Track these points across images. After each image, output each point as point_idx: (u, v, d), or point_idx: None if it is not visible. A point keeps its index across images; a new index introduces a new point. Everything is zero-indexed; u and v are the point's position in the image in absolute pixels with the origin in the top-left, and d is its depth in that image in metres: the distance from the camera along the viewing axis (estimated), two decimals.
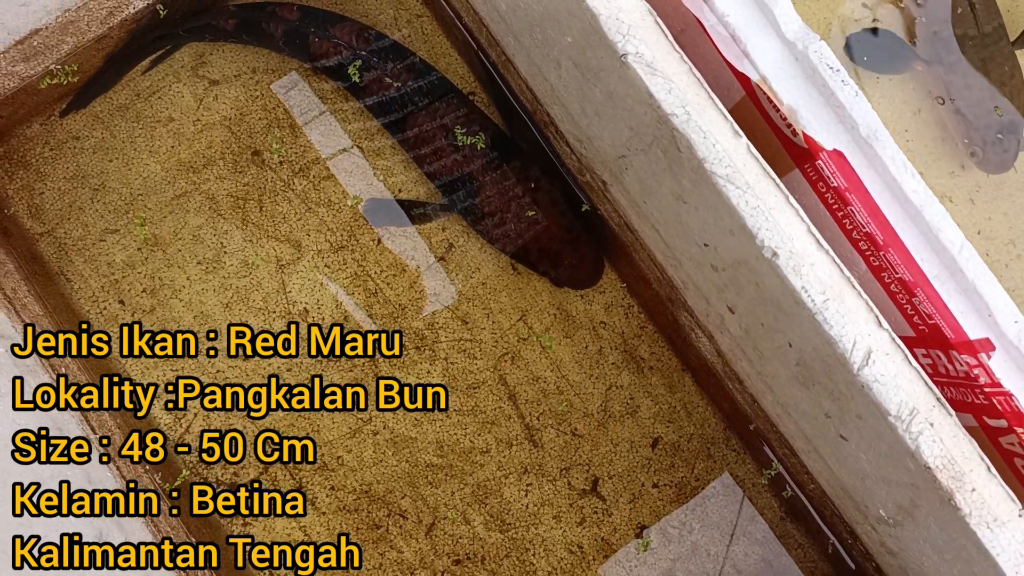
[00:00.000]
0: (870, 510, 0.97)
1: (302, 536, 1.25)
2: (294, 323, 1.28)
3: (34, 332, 1.13)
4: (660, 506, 1.28)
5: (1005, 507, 0.77)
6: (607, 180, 1.11)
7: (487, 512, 1.28)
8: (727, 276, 0.91)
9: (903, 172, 0.80)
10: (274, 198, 1.30)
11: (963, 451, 0.77)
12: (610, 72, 0.85)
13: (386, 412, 1.27)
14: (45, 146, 1.28)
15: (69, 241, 1.28)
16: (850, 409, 0.83)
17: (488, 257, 1.31)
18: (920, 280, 0.80)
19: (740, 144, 0.80)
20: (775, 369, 0.96)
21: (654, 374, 1.30)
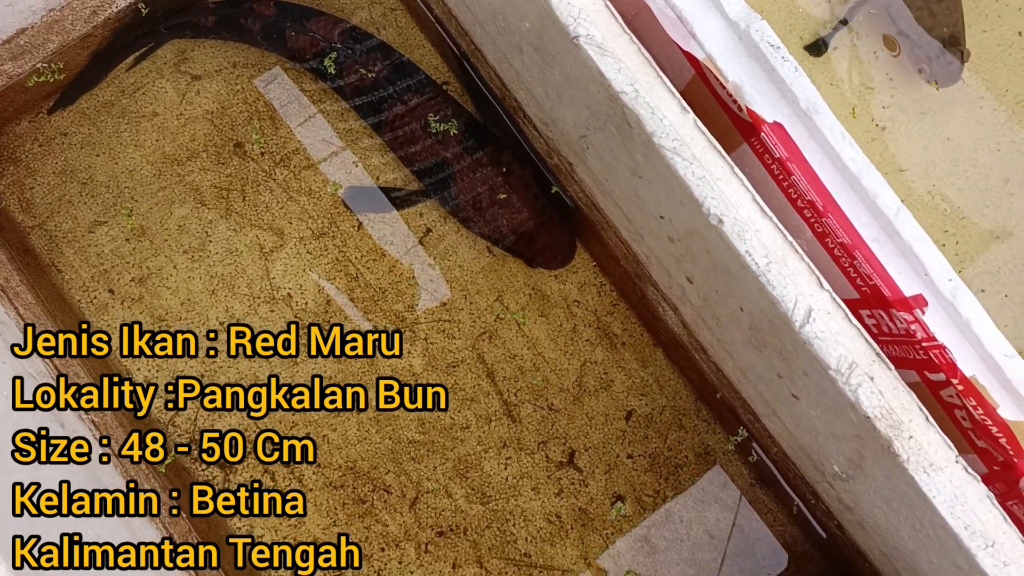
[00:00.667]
0: (826, 467, 1.02)
1: (296, 523, 1.30)
2: (294, 323, 1.32)
3: (34, 332, 1.16)
4: (635, 476, 1.33)
5: (942, 453, 0.82)
6: (572, 161, 1.16)
7: (468, 485, 1.32)
8: (683, 246, 0.96)
9: (841, 142, 0.85)
10: (256, 188, 1.35)
11: (902, 402, 0.82)
12: (565, 54, 0.89)
13: (369, 391, 1.32)
14: (34, 142, 1.33)
15: (59, 233, 1.32)
16: (797, 367, 0.88)
17: (464, 240, 1.36)
18: (859, 243, 0.85)
19: (687, 119, 0.85)
20: (732, 335, 1.01)
21: (627, 349, 1.35)
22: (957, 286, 0.84)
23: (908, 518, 0.89)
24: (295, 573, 1.27)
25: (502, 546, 1.31)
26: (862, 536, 1.09)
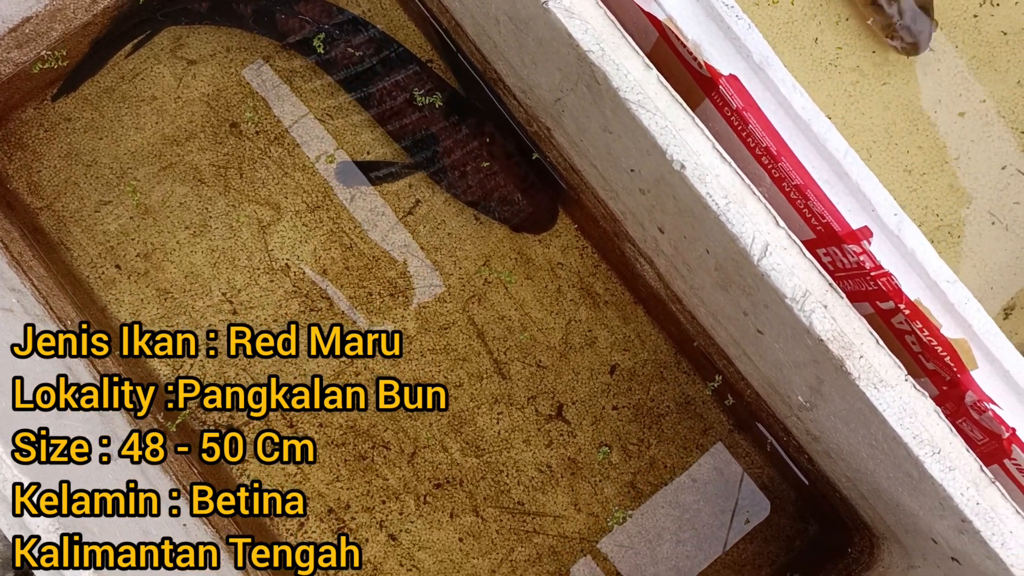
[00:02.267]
0: (792, 399, 1.10)
1: (295, 469, 1.37)
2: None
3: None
4: (620, 426, 1.41)
5: (891, 372, 0.90)
6: (550, 126, 1.23)
7: (463, 440, 1.40)
8: (652, 197, 1.04)
9: (792, 91, 0.93)
10: (252, 165, 1.42)
11: (853, 327, 0.90)
12: (537, 20, 0.97)
13: (366, 359, 1.40)
14: (40, 128, 1.40)
15: (67, 213, 1.39)
16: (759, 301, 0.96)
17: (452, 209, 1.43)
18: (811, 184, 0.92)
19: (650, 75, 0.92)
20: (701, 280, 1.09)
21: (609, 308, 1.43)
22: (902, 219, 0.91)
23: (865, 436, 0.97)
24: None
25: (497, 496, 1.39)
26: (830, 465, 1.17)
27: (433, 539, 1.38)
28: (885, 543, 1.18)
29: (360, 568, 1.36)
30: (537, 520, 1.39)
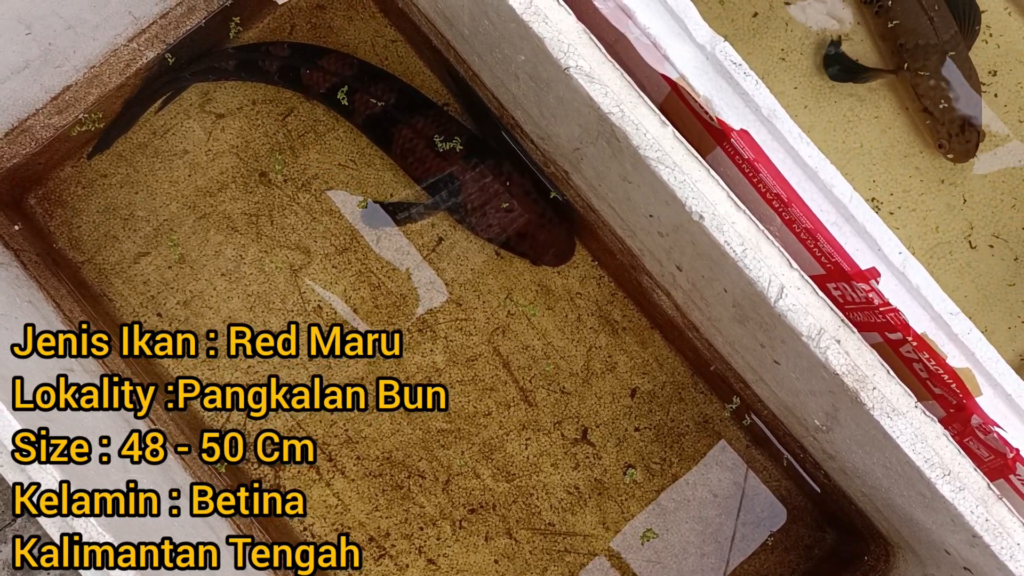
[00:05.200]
0: (808, 422, 1.17)
1: (336, 502, 1.44)
2: (294, 323, 1.45)
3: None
4: (642, 446, 1.48)
5: (903, 400, 0.97)
6: (568, 170, 1.30)
7: (494, 465, 1.47)
8: (671, 240, 1.10)
9: (799, 141, 0.99)
10: (282, 212, 1.49)
11: (866, 360, 0.97)
12: (558, 82, 1.04)
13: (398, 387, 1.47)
14: (78, 185, 1.46)
15: (107, 266, 1.46)
16: (776, 336, 1.03)
17: (474, 246, 1.50)
18: (820, 227, 0.99)
19: (667, 131, 0.99)
20: (719, 313, 1.16)
21: (627, 334, 1.50)
22: (907, 258, 0.98)
23: (880, 459, 1.03)
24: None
25: (528, 518, 1.46)
26: (845, 481, 1.24)
27: (470, 562, 1.45)
28: (900, 552, 1.25)
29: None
30: (568, 540, 1.46)
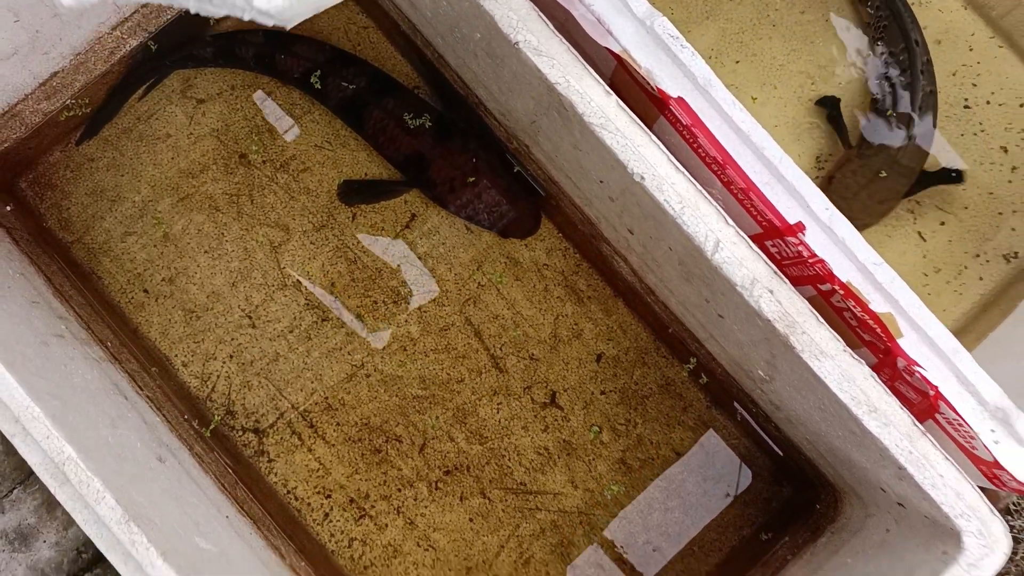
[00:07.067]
0: (754, 374, 1.25)
1: (318, 466, 1.52)
2: (273, 297, 1.52)
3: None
4: (608, 409, 1.55)
5: (831, 344, 1.04)
6: (528, 144, 1.38)
7: (467, 429, 1.54)
8: (620, 204, 1.18)
9: (733, 108, 1.07)
10: (262, 192, 1.56)
11: (796, 307, 1.05)
12: (510, 57, 1.11)
13: (375, 357, 1.54)
14: (66, 169, 1.54)
15: (95, 245, 1.53)
16: (717, 289, 1.10)
17: (445, 221, 1.58)
18: (752, 187, 1.07)
19: (610, 101, 1.07)
20: (668, 273, 1.24)
21: (592, 302, 1.57)
22: (832, 213, 1.06)
23: (815, 402, 1.11)
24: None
25: (500, 478, 1.53)
26: (792, 431, 1.32)
27: (446, 521, 1.52)
28: (846, 496, 1.33)
29: (359, 560, 1.49)
30: (539, 498, 1.53)
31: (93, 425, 1.05)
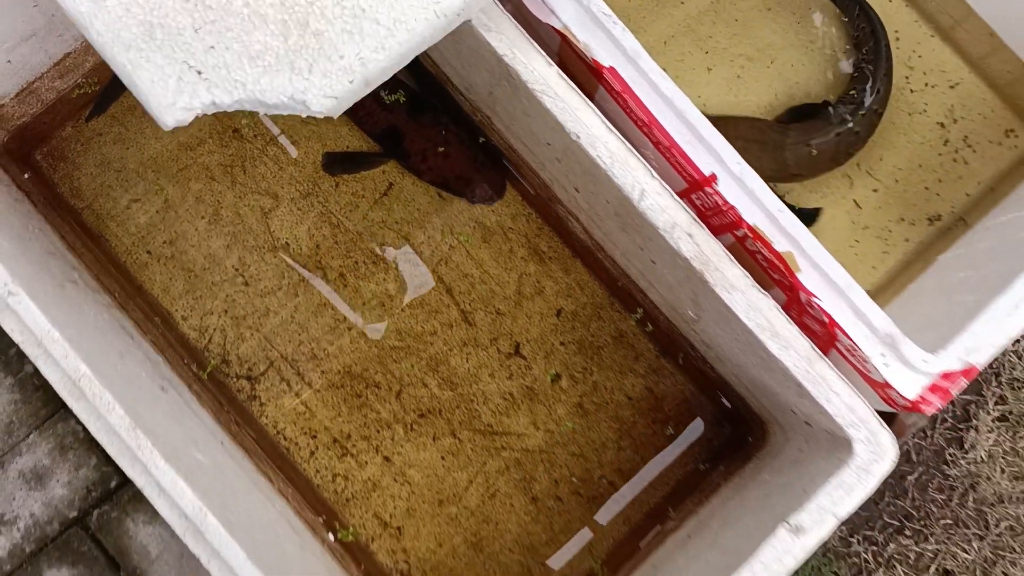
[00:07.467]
0: (686, 315, 1.41)
1: (304, 409, 1.68)
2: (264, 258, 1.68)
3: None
4: (567, 358, 1.72)
5: (741, 280, 1.21)
6: (489, 115, 1.54)
7: (439, 377, 1.71)
8: (564, 164, 1.35)
9: (658, 76, 1.24)
10: (253, 163, 1.73)
11: (712, 248, 1.21)
12: (466, 33, 1.28)
13: (356, 311, 1.71)
14: (77, 143, 1.70)
15: (103, 211, 1.70)
16: (646, 236, 1.27)
17: (419, 189, 1.74)
18: (674, 145, 1.23)
19: (551, 71, 1.23)
20: (609, 226, 1.40)
21: (552, 262, 1.74)
22: (743, 167, 1.23)
23: (732, 334, 1.28)
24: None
25: (469, 420, 1.70)
26: (723, 368, 1.49)
27: (420, 458, 1.69)
28: (770, 426, 1.49)
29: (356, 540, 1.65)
30: (503, 438, 1.70)
31: (104, 354, 1.22)
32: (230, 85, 0.99)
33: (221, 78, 0.98)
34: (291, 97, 0.99)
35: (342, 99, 1.00)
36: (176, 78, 0.99)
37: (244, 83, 0.98)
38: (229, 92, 0.98)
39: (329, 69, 0.99)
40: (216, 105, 0.99)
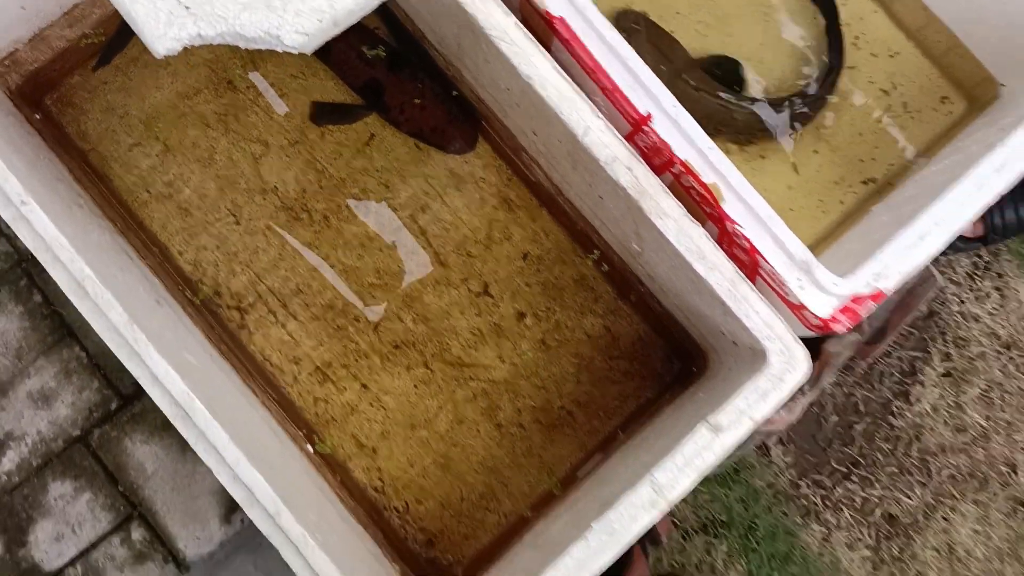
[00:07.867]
0: (631, 248, 1.55)
1: (289, 339, 1.83)
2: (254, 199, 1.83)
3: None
4: (532, 298, 1.86)
5: (674, 209, 1.35)
6: (459, 68, 1.69)
7: (414, 312, 1.85)
8: (523, 108, 1.49)
9: (603, 26, 1.38)
10: (246, 112, 1.87)
11: (649, 181, 1.35)
12: None
13: (338, 250, 1.86)
14: (84, 90, 1.85)
15: (107, 154, 1.85)
16: (591, 170, 1.41)
17: (398, 140, 1.89)
18: (617, 89, 1.38)
19: (509, 20, 1.38)
20: (563, 167, 1.55)
21: (520, 210, 1.88)
22: (679, 110, 1.37)
23: (667, 261, 1.42)
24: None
25: (441, 353, 1.84)
26: (667, 300, 1.63)
27: (394, 386, 1.84)
28: (710, 354, 1.64)
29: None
30: (472, 370, 1.85)
31: (106, 265, 1.37)
32: (214, 19, 1.13)
33: (206, 13, 1.13)
34: (267, 32, 1.13)
35: (313, 36, 1.15)
36: (167, 12, 1.13)
37: (226, 17, 1.13)
38: (213, 25, 1.13)
39: (301, 8, 1.14)
40: (201, 37, 1.14)
